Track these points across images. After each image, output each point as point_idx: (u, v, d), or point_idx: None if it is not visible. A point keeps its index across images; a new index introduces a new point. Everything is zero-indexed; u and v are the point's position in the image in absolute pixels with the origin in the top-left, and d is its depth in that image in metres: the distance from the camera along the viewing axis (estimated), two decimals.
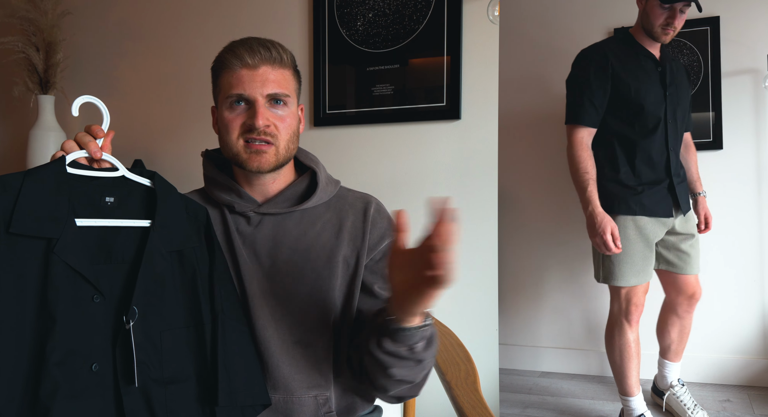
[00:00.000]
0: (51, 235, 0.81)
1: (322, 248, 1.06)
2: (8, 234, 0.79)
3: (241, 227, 1.07)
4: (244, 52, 1.01)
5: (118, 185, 0.92)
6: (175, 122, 2.13)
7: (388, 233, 1.10)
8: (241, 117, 1.03)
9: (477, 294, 1.79)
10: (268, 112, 1.03)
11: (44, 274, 0.80)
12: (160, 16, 2.16)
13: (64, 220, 0.83)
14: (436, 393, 1.82)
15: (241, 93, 1.01)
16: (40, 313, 0.79)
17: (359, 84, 1.90)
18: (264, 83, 1.01)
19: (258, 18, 2.03)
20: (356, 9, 1.90)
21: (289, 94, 1.04)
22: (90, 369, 0.81)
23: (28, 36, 2.06)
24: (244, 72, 1.01)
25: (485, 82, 1.79)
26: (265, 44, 1.03)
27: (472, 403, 0.89)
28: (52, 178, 0.85)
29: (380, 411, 1.20)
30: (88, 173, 0.90)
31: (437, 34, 1.81)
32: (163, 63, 2.16)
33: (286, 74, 1.05)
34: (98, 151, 0.91)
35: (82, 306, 0.82)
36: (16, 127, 2.34)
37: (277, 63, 1.03)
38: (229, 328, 0.95)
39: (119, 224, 0.90)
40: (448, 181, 1.83)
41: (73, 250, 0.82)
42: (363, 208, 1.11)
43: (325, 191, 1.11)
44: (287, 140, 1.05)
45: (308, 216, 1.08)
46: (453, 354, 1.12)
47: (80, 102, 0.92)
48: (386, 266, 1.05)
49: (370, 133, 1.90)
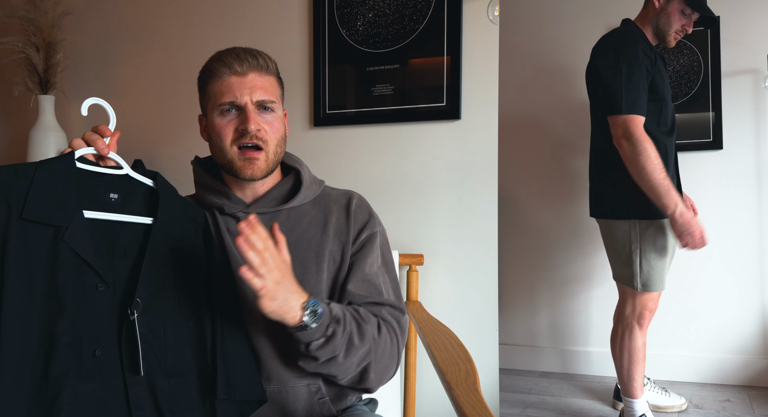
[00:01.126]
0: (61, 223, 0.85)
1: (308, 242, 1.11)
2: (21, 219, 0.82)
3: (232, 227, 1.12)
4: (232, 60, 1.07)
5: (122, 183, 0.96)
6: (174, 122, 2.13)
7: (368, 225, 1.15)
8: (233, 123, 1.07)
9: (477, 294, 1.79)
10: (258, 117, 1.08)
11: (53, 260, 0.83)
12: (160, 16, 2.16)
13: (73, 210, 0.86)
14: (436, 393, 1.82)
15: (232, 100, 1.06)
16: (47, 297, 0.81)
17: (359, 84, 1.90)
18: (253, 89, 1.07)
19: (258, 18, 2.03)
20: (356, 9, 1.90)
21: (275, 100, 1.10)
22: (93, 354, 0.84)
23: (28, 36, 2.06)
24: (234, 79, 1.07)
25: (485, 82, 1.79)
26: (252, 52, 1.09)
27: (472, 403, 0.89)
28: (63, 170, 0.88)
29: (375, 403, 1.25)
30: (95, 169, 0.93)
31: (437, 34, 1.81)
32: (163, 63, 2.16)
33: (272, 81, 1.11)
34: (105, 149, 0.94)
35: (88, 293, 0.85)
36: (16, 127, 2.34)
37: (263, 70, 1.09)
38: (227, 326, 0.99)
39: (124, 219, 0.93)
40: (448, 181, 1.83)
41: (80, 238, 0.86)
42: (345, 204, 1.16)
43: (310, 189, 1.16)
44: (275, 144, 1.10)
45: (295, 213, 1.14)
46: (453, 354, 1.12)
47: (89, 103, 0.96)
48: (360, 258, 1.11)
49: (370, 133, 1.91)
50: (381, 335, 1.05)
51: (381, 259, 1.15)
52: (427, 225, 1.84)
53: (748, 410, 2.30)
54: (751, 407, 2.33)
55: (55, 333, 0.80)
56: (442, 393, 1.39)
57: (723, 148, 2.64)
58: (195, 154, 1.26)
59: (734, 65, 2.64)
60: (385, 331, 1.06)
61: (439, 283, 1.83)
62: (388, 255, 1.19)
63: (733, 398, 2.43)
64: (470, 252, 1.80)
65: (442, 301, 1.82)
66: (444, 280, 1.83)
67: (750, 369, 2.58)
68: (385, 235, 1.20)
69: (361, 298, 1.08)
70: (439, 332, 1.30)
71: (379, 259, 1.14)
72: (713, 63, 2.66)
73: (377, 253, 1.14)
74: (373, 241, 1.14)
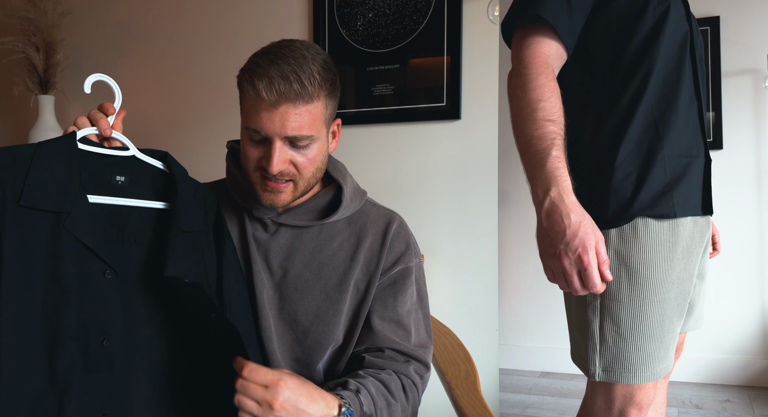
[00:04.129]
0: (62, 208, 0.79)
1: (335, 269, 1.00)
2: (18, 206, 0.77)
3: (258, 233, 1.02)
4: (261, 87, 0.87)
5: (129, 165, 0.89)
6: (174, 122, 2.13)
7: (403, 258, 1.03)
8: (259, 151, 0.93)
9: (477, 294, 1.79)
10: (287, 153, 0.92)
11: (54, 248, 0.78)
12: (160, 16, 2.16)
13: (75, 194, 0.81)
14: (436, 393, 1.82)
15: (257, 130, 0.91)
16: (49, 287, 0.77)
17: (359, 84, 1.90)
18: (283, 125, 0.89)
19: (258, 18, 2.03)
20: (356, 9, 1.90)
21: (312, 134, 0.91)
22: (101, 345, 0.80)
23: (28, 36, 2.06)
24: (263, 107, 0.89)
25: (485, 82, 1.79)
26: (287, 76, 0.87)
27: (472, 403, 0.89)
28: (64, 152, 0.82)
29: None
30: (99, 150, 0.87)
31: (437, 34, 1.81)
32: (163, 63, 2.16)
33: (313, 108, 0.91)
34: (108, 129, 0.87)
35: (93, 282, 0.81)
36: (16, 127, 2.34)
37: (300, 99, 0.88)
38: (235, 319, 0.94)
39: (134, 204, 0.87)
40: (448, 181, 1.83)
41: (83, 225, 0.80)
42: (384, 229, 1.03)
43: (349, 208, 1.03)
44: (309, 177, 0.96)
45: (327, 231, 1.02)
46: (453, 354, 1.12)
47: (93, 80, 0.90)
48: (391, 295, 1.01)
49: (370, 133, 1.91)
50: (409, 400, 0.97)
51: (416, 295, 1.04)
52: (428, 225, 1.84)
53: (748, 410, 2.30)
54: (751, 407, 2.33)
55: (60, 325, 0.76)
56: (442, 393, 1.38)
57: (723, 148, 2.64)
58: (194, 154, 1.24)
59: (734, 65, 2.64)
60: (411, 392, 0.98)
61: (439, 282, 1.83)
62: (423, 290, 1.06)
63: (733, 398, 2.43)
64: (470, 252, 1.80)
65: (442, 301, 1.82)
66: (444, 280, 1.83)
67: (750, 369, 2.58)
68: (421, 267, 1.07)
69: (387, 341, 0.98)
70: (439, 332, 1.30)
71: (414, 295, 1.03)
72: (713, 63, 2.66)
73: (411, 290, 1.03)
74: (407, 277, 1.02)
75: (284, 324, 1.01)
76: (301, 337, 1.00)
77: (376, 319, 1.00)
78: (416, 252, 1.05)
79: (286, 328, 1.00)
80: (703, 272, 1.25)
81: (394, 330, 0.99)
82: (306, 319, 0.99)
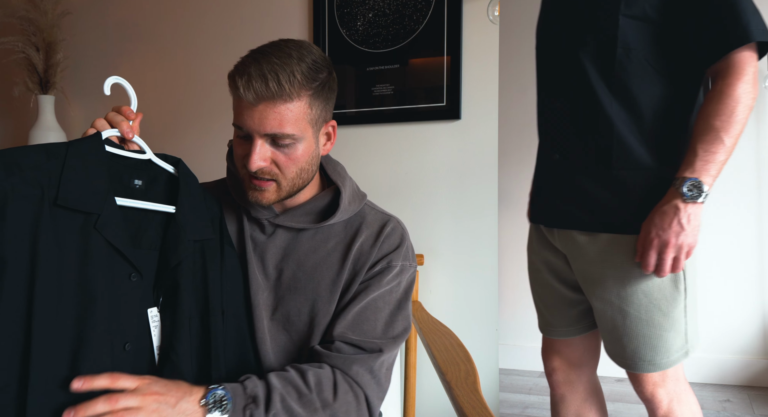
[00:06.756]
0: (93, 210, 0.79)
1: (328, 270, 1.01)
2: (55, 205, 0.77)
3: (255, 234, 1.03)
4: (240, 85, 0.89)
5: (145, 168, 0.91)
6: (174, 122, 2.13)
7: (390, 256, 1.01)
8: (244, 147, 0.94)
9: (477, 294, 1.79)
10: (268, 151, 0.93)
11: (84, 249, 0.78)
12: (160, 16, 2.16)
13: (104, 196, 0.81)
14: (436, 393, 1.82)
15: (240, 126, 0.92)
16: (78, 289, 0.77)
17: (359, 84, 1.90)
18: (261, 122, 0.90)
19: (258, 18, 2.03)
20: (356, 9, 1.90)
21: (293, 133, 0.92)
22: (123, 348, 0.80)
23: (28, 36, 2.06)
24: (244, 105, 0.90)
25: (485, 82, 1.79)
26: (265, 75, 0.88)
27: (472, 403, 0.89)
28: (92, 153, 0.83)
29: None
30: (121, 152, 0.88)
31: (437, 34, 1.81)
32: (163, 63, 2.16)
33: (293, 107, 0.91)
34: (130, 132, 0.89)
35: (117, 285, 0.81)
36: (16, 127, 2.34)
37: (278, 98, 0.89)
38: (228, 325, 0.95)
39: (153, 208, 0.89)
40: (448, 181, 1.83)
41: (113, 227, 0.81)
42: (378, 230, 1.03)
43: (347, 211, 1.03)
44: (293, 177, 0.96)
45: (323, 233, 1.03)
46: (453, 354, 1.12)
47: (111, 82, 0.92)
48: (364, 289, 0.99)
49: (370, 133, 1.91)
50: (338, 398, 0.92)
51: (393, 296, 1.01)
52: (427, 225, 1.84)
53: (748, 410, 2.30)
54: (751, 407, 2.33)
55: (85, 328, 0.76)
56: (442, 393, 1.39)
57: None
58: (194, 154, 1.25)
59: None
60: (346, 391, 0.93)
61: (439, 283, 1.83)
62: (405, 297, 1.03)
63: (733, 398, 2.43)
64: (470, 252, 1.80)
65: (442, 301, 1.82)
66: (444, 280, 1.83)
67: (750, 369, 2.58)
68: (412, 274, 1.05)
69: (340, 333, 0.97)
70: (440, 332, 1.30)
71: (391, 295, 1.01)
72: None
73: (389, 288, 1.00)
74: (387, 274, 1.00)
75: (277, 325, 1.01)
76: (294, 337, 1.00)
77: (341, 311, 0.99)
78: (407, 256, 1.04)
79: (279, 329, 1.01)
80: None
81: (351, 321, 0.97)
82: (299, 319, 1.00)
